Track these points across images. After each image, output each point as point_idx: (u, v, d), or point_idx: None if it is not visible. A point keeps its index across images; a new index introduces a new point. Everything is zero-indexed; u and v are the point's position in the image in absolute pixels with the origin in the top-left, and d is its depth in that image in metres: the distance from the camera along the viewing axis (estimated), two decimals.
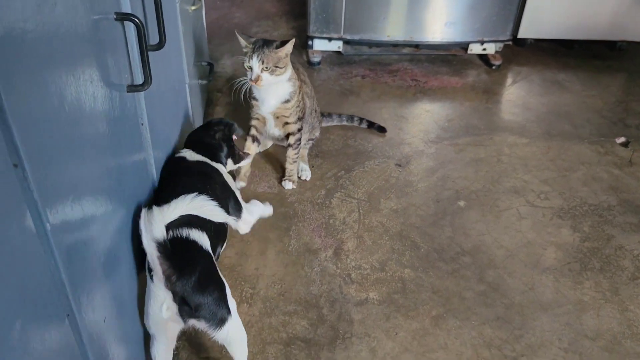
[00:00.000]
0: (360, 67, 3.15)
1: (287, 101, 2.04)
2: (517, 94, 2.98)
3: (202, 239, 1.31)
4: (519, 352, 1.60)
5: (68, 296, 0.82)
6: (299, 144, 2.18)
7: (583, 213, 2.14)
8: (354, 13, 2.95)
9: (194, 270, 1.20)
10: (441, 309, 1.73)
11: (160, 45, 1.37)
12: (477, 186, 2.26)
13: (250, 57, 1.89)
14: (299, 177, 2.26)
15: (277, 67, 1.91)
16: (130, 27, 1.15)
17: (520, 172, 2.35)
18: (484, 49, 3.16)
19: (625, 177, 2.33)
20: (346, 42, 3.11)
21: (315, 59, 3.10)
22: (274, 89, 1.99)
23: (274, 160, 2.36)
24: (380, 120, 2.66)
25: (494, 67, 3.17)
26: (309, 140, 2.35)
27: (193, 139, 1.77)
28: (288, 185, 2.19)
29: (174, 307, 1.20)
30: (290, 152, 2.16)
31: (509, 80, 3.11)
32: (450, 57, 3.28)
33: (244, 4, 3.84)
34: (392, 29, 3.04)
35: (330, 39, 3.06)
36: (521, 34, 3.20)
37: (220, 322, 1.27)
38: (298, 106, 2.09)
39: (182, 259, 1.18)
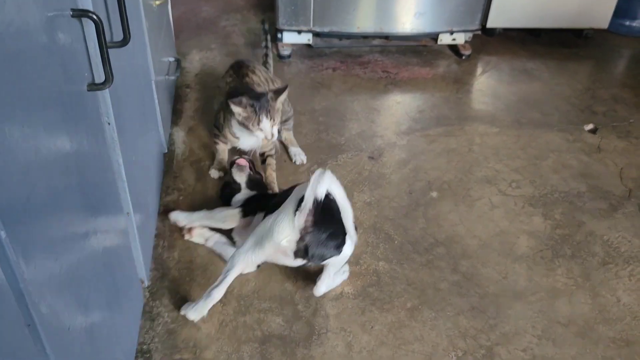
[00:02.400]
0: (331, 59, 3.13)
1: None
2: (487, 84, 2.99)
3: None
4: (493, 341, 1.61)
5: (28, 306, 0.79)
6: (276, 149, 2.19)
7: (554, 200, 2.16)
8: (323, 5, 2.92)
9: (326, 229, 1.50)
10: (416, 300, 1.73)
11: (124, 41, 1.33)
12: (449, 176, 2.26)
13: (259, 120, 1.90)
14: (294, 162, 2.29)
15: (278, 114, 1.95)
16: (90, 24, 1.11)
17: (491, 161, 2.36)
18: (454, 39, 3.17)
19: (594, 164, 2.36)
20: (316, 34, 3.09)
21: (285, 52, 3.07)
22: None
23: None
24: (352, 112, 2.65)
25: (463, 57, 3.19)
26: (284, 121, 2.28)
27: None
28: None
29: (293, 246, 1.50)
30: (272, 161, 2.16)
31: (479, 70, 3.12)
32: (420, 48, 3.28)
33: None
34: (362, 21, 3.03)
35: (299, 32, 3.03)
36: (490, 24, 3.22)
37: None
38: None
39: (324, 218, 1.47)
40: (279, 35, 3.06)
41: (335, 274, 1.71)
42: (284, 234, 1.49)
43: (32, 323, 0.80)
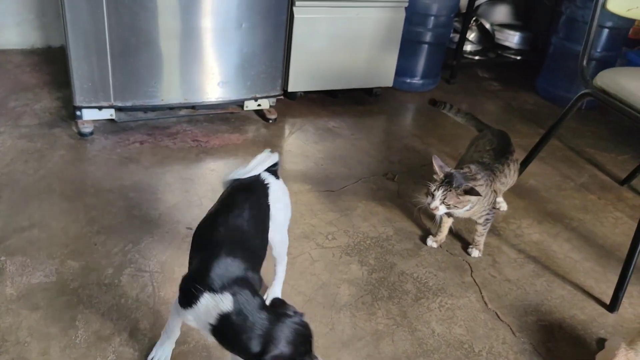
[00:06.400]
0: (138, 132, 3.05)
1: (470, 209, 2.12)
2: (295, 144, 3.14)
3: None
4: None
5: None
6: (488, 221, 2.27)
7: (367, 247, 2.30)
8: (122, 79, 2.85)
9: None
10: None
11: None
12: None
13: (437, 189, 2.04)
14: (498, 209, 2.62)
15: (456, 206, 2.05)
16: None
17: (307, 217, 2.46)
18: (259, 105, 3.30)
19: (396, 208, 2.58)
20: (119, 109, 2.99)
21: (87, 129, 2.91)
22: None
23: (44, 241, 2.12)
24: (166, 185, 2.59)
25: (270, 121, 3.32)
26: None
27: None
28: (474, 253, 2.33)
29: None
30: (480, 228, 2.28)
31: (287, 132, 3.27)
32: (228, 115, 3.35)
33: None
34: (166, 93, 3.01)
35: (100, 108, 2.91)
36: (290, 88, 3.42)
37: None
38: (484, 207, 2.18)
39: None
40: (78, 113, 2.90)
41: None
42: None
43: None
